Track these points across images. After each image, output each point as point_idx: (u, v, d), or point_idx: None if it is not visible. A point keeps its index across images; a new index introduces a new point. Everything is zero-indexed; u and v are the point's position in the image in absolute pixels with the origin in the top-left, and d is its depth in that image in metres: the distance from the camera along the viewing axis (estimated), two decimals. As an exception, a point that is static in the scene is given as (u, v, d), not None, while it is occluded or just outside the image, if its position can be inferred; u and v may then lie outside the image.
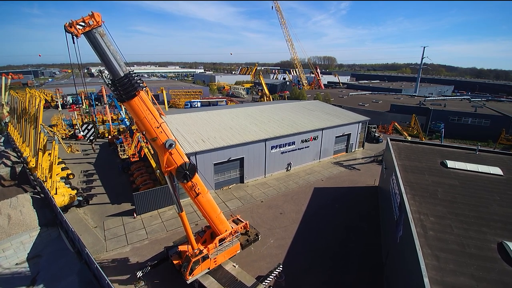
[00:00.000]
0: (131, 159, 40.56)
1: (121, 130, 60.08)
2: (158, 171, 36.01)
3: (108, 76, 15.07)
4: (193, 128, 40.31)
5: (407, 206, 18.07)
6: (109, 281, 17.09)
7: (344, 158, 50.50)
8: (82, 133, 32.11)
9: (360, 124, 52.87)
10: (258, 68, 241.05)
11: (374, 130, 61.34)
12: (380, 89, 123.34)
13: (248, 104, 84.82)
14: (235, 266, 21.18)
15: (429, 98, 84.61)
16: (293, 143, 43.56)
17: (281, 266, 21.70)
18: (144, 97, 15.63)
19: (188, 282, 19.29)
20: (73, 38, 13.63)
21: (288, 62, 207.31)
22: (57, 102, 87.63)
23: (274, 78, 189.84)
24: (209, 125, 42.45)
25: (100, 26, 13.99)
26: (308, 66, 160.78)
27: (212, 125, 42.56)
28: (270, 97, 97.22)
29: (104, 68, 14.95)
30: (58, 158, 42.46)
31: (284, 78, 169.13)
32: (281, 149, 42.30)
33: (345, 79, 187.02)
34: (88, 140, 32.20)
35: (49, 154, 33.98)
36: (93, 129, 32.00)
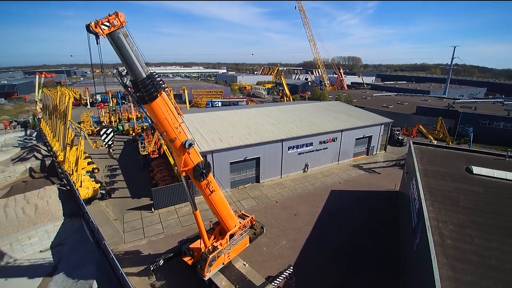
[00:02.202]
0: (151, 155, 41.88)
1: (144, 127, 62.29)
2: (177, 167, 36.88)
3: (127, 77, 14.69)
4: (211, 127, 40.92)
5: (425, 213, 17.24)
6: (123, 272, 17.75)
7: (364, 161, 49.10)
8: (100, 137, 32.14)
9: (383, 126, 51.10)
10: (280, 68, 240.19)
11: (398, 132, 59.09)
12: (407, 90, 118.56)
13: (268, 104, 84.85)
14: (245, 265, 21.26)
15: (459, 101, 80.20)
16: (311, 144, 42.96)
17: (291, 267, 21.49)
18: (166, 98, 15.39)
19: (206, 278, 19.50)
20: (97, 38, 13.20)
21: (311, 62, 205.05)
22: (86, 100, 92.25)
23: (296, 78, 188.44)
24: (228, 124, 42.89)
25: (123, 26, 13.53)
26: (331, 67, 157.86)
27: (231, 124, 42.95)
28: (290, 97, 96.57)
29: (121, 69, 14.73)
30: (85, 153, 44.82)
31: (306, 79, 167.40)
32: (298, 149, 41.85)
33: (369, 79, 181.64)
34: (106, 145, 32.06)
35: (77, 149, 35.79)
36: (112, 134, 31.71)
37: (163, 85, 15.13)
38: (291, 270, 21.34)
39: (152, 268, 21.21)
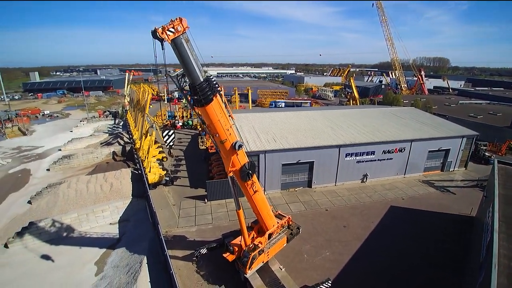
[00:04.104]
0: (209, 150, 44.63)
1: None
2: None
3: (184, 81, 15.24)
4: (268, 127, 41.55)
5: (494, 247, 14.42)
6: (167, 253, 19.57)
7: (438, 177, 43.17)
8: (163, 138, 34.40)
9: (465, 139, 44.09)
10: (352, 69, 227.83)
11: (484, 148, 50.25)
12: (503, 98, 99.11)
13: (332, 107, 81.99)
14: (281, 269, 21.12)
15: None
16: (373, 152, 39.76)
17: (330, 281, 20.41)
18: (220, 101, 15.82)
19: (247, 276, 19.89)
20: (162, 44, 13.56)
21: (387, 63, 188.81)
22: (164, 96, 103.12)
23: (368, 80, 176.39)
24: (285, 125, 42.94)
25: (185, 32, 14.02)
26: (411, 68, 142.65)
27: (288, 125, 42.90)
28: (358, 101, 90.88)
29: (179, 73, 15.45)
30: (157, 142, 50.35)
31: (380, 81, 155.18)
32: (357, 157, 39.23)
33: (457, 84, 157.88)
34: (167, 146, 33.77)
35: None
36: (173, 136, 33.15)
37: (218, 88, 15.61)
38: (329, 285, 20.27)
39: (195, 255, 22.72)
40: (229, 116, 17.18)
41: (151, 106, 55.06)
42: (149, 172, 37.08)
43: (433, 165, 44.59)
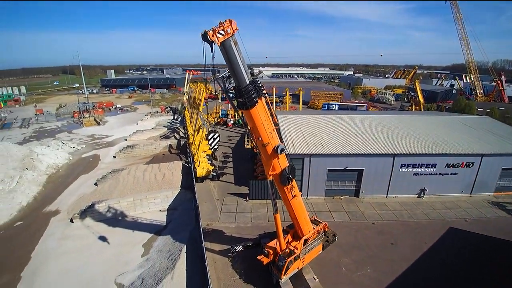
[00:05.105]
0: (254, 149, 45.20)
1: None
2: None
3: (229, 82, 15.28)
4: (316, 130, 40.41)
5: None
6: (204, 245, 20.44)
7: (511, 199, 37.01)
8: (208, 141, 35.80)
9: (550, 157, 36.89)
10: (419, 71, 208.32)
11: None
12: None
13: (391, 112, 76.47)
14: (315, 279, 20.40)
15: None
16: (434, 165, 35.72)
17: (367, 300, 19.05)
18: (264, 103, 15.65)
19: (282, 281, 19.70)
20: (211, 46, 13.50)
21: (461, 65, 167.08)
22: (218, 95, 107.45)
23: (438, 84, 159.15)
24: (335, 129, 41.30)
25: (234, 34, 13.65)
26: (490, 72, 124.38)
27: (338, 129, 41.18)
28: (422, 106, 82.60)
29: (224, 75, 15.72)
30: (208, 139, 52.79)
31: (452, 85, 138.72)
32: (415, 169, 35.67)
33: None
34: (212, 149, 35.06)
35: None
36: (218, 139, 34.49)
37: (263, 91, 15.49)
38: (367, 304, 18.91)
39: (231, 251, 23.29)
40: (272, 118, 16.99)
41: (206, 104, 57.98)
42: (198, 166, 39.12)
43: (507, 184, 38.20)
